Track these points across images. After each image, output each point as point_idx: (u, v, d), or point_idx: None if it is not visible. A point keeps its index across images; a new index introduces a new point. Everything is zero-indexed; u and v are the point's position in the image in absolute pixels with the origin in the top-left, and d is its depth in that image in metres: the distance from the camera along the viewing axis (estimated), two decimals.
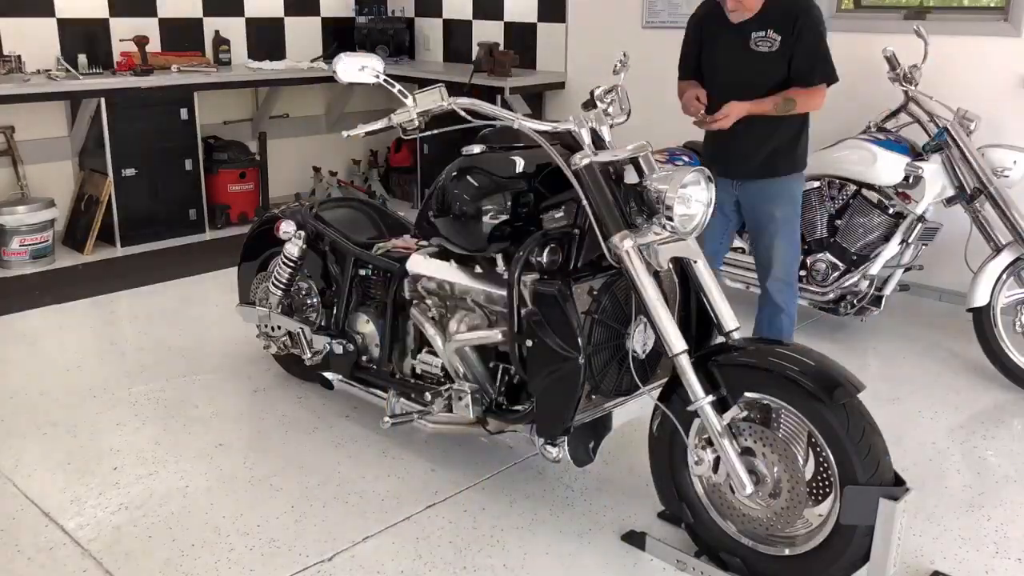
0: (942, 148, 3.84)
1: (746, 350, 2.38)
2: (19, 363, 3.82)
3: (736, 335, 2.48)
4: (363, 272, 3.20)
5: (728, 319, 2.50)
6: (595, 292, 2.52)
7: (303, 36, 6.60)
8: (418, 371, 2.98)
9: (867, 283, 3.97)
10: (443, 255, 2.85)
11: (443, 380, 2.87)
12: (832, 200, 4.09)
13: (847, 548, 2.21)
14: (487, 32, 6.44)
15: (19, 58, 5.19)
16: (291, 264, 3.33)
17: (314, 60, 6.44)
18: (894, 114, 4.10)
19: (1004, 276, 3.69)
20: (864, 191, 3.98)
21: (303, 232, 3.30)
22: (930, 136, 3.91)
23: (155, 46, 5.77)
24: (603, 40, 5.72)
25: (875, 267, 3.95)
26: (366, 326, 3.15)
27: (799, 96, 3.13)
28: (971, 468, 3.11)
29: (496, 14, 6.41)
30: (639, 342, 2.55)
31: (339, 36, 6.75)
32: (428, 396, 2.84)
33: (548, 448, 2.58)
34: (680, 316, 2.67)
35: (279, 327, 3.42)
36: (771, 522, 2.34)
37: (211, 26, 6.11)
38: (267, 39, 6.42)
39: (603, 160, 2.41)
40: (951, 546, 2.65)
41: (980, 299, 3.68)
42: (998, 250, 3.75)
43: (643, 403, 2.66)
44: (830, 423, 2.18)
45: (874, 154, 3.92)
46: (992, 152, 3.84)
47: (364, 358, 3.17)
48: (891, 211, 3.95)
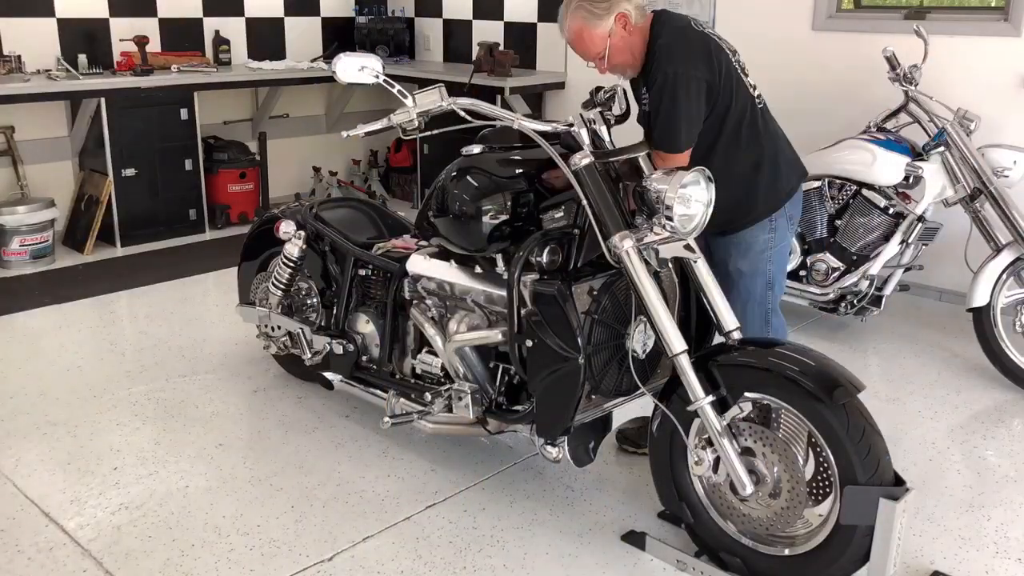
0: (942, 148, 3.84)
1: (746, 350, 2.38)
2: (19, 363, 3.82)
3: (736, 335, 2.48)
4: (363, 272, 3.20)
5: (728, 319, 2.50)
6: (595, 292, 2.53)
7: (303, 36, 6.60)
8: (418, 371, 2.98)
9: (867, 283, 3.97)
10: (443, 255, 2.85)
11: (443, 380, 2.87)
12: (832, 200, 4.09)
13: (847, 548, 2.21)
14: (487, 32, 6.44)
15: (19, 58, 5.19)
16: (291, 264, 3.33)
17: (314, 60, 6.44)
18: (894, 114, 4.10)
19: (1004, 276, 3.69)
20: (864, 191, 3.98)
21: (303, 232, 3.30)
22: (930, 136, 3.91)
23: (155, 46, 5.77)
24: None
25: (875, 267, 3.95)
26: (366, 326, 3.15)
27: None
28: (971, 468, 3.11)
29: (496, 14, 6.41)
30: (639, 342, 2.55)
31: (339, 36, 6.75)
32: (428, 396, 2.84)
33: (548, 448, 2.58)
34: (680, 316, 2.67)
35: (279, 327, 3.42)
36: (771, 522, 2.34)
37: (211, 26, 6.11)
38: (267, 39, 6.42)
39: (603, 160, 2.41)
40: (951, 546, 2.65)
41: (980, 299, 3.68)
42: (998, 250, 3.75)
43: (643, 403, 2.66)
44: (830, 423, 2.18)
45: (874, 154, 3.91)
46: (992, 152, 3.83)
47: (364, 358, 3.17)
48: (891, 211, 3.95)
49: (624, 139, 2.60)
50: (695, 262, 2.53)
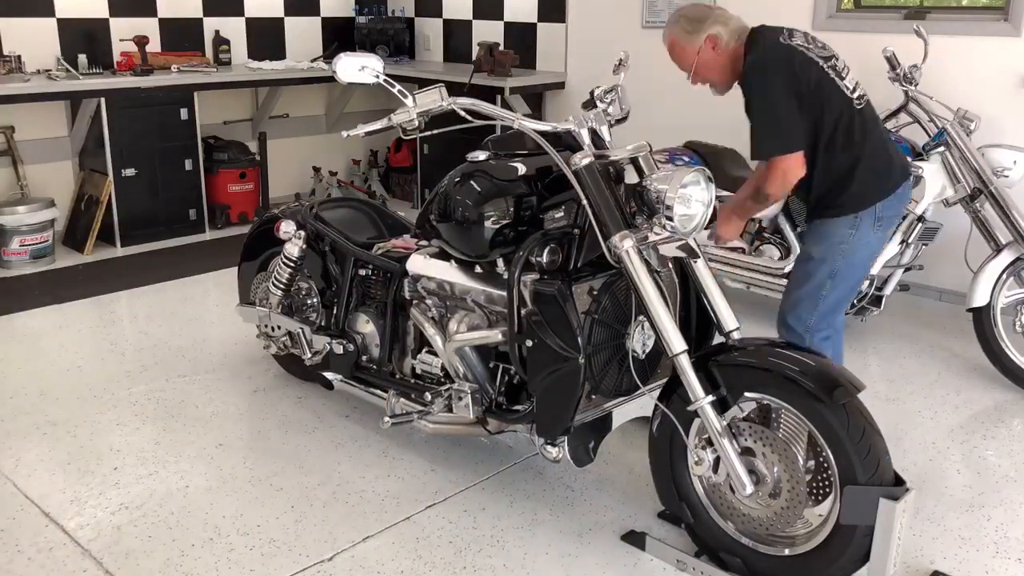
0: (942, 148, 3.84)
1: (746, 350, 2.38)
2: (19, 363, 3.82)
3: (736, 335, 2.48)
4: (363, 272, 3.20)
5: (728, 319, 2.50)
6: (595, 292, 2.52)
7: (303, 36, 6.60)
8: (418, 371, 2.98)
9: (867, 283, 3.97)
10: (443, 255, 2.85)
11: (443, 380, 2.87)
12: None
13: (847, 548, 2.21)
14: (487, 32, 6.44)
15: (19, 58, 5.19)
16: (291, 264, 3.33)
17: (314, 60, 6.44)
18: (894, 114, 4.10)
19: (1004, 276, 3.69)
20: None
21: (303, 232, 3.30)
22: (930, 136, 3.91)
23: (155, 46, 5.77)
24: (603, 40, 5.72)
25: (875, 267, 3.94)
26: (366, 326, 3.15)
27: (761, 184, 2.80)
28: (971, 468, 3.11)
29: (496, 14, 6.41)
30: (639, 342, 2.55)
31: (339, 36, 6.75)
32: (428, 396, 2.84)
33: (548, 448, 2.58)
34: (680, 316, 2.67)
35: (279, 327, 3.42)
36: (771, 522, 2.34)
37: (211, 26, 6.11)
38: (267, 39, 6.42)
39: (603, 160, 2.41)
40: (951, 546, 2.65)
41: (980, 299, 3.68)
42: (998, 250, 3.75)
43: (643, 403, 2.66)
44: (830, 423, 2.18)
45: None
46: (992, 152, 3.83)
47: (364, 358, 3.17)
48: None
49: (624, 139, 2.60)
50: (695, 262, 2.53)
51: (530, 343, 2.51)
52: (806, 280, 2.93)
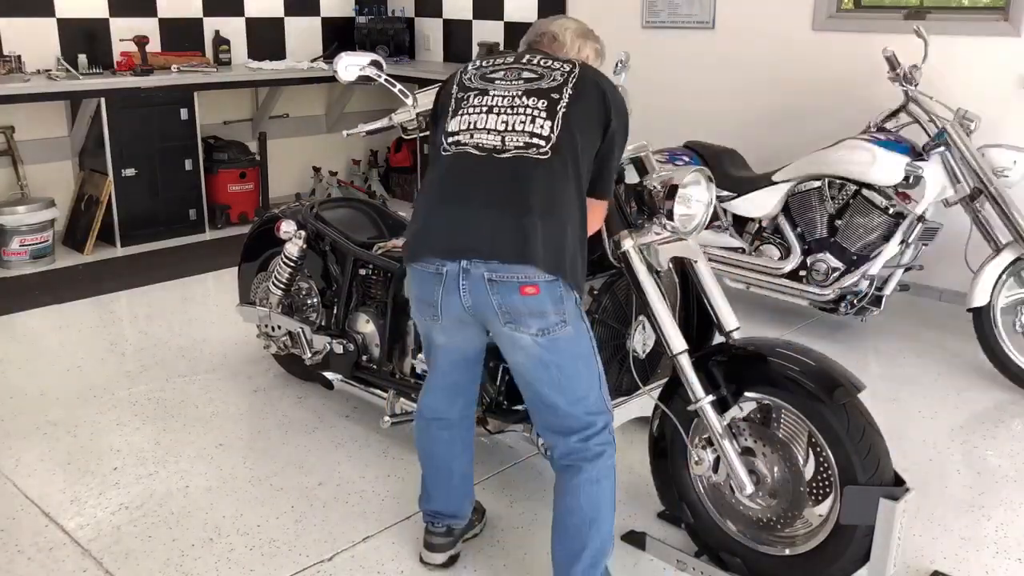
0: (942, 148, 3.84)
1: (746, 350, 2.37)
2: (19, 363, 3.82)
3: (736, 335, 2.48)
4: (363, 272, 3.20)
5: (728, 319, 2.50)
6: (595, 292, 2.53)
7: (303, 36, 6.60)
8: (418, 371, 2.98)
9: (867, 283, 3.97)
10: None
11: None
12: (832, 200, 4.08)
13: (847, 548, 2.21)
14: (487, 32, 6.44)
15: (19, 58, 5.19)
16: (291, 264, 3.33)
17: (314, 60, 6.44)
18: (894, 114, 4.10)
19: (1004, 276, 3.69)
20: (864, 191, 3.98)
21: (303, 232, 3.30)
22: (930, 136, 3.91)
23: (155, 46, 5.77)
24: (603, 40, 5.71)
25: (875, 267, 3.95)
26: (366, 326, 3.15)
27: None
28: (971, 468, 3.11)
29: (496, 14, 6.41)
30: (639, 342, 2.55)
31: (339, 36, 6.75)
32: None
33: None
34: (680, 316, 2.67)
35: (279, 327, 3.42)
36: (771, 522, 2.34)
37: (211, 26, 6.11)
38: (267, 39, 6.42)
39: None
40: (951, 546, 2.65)
41: (980, 299, 3.68)
42: (998, 250, 3.75)
43: (643, 403, 2.66)
44: (830, 423, 2.18)
45: (874, 154, 3.91)
46: (992, 152, 3.83)
47: (364, 358, 3.17)
48: (891, 211, 3.95)
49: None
50: (695, 262, 2.53)
51: None
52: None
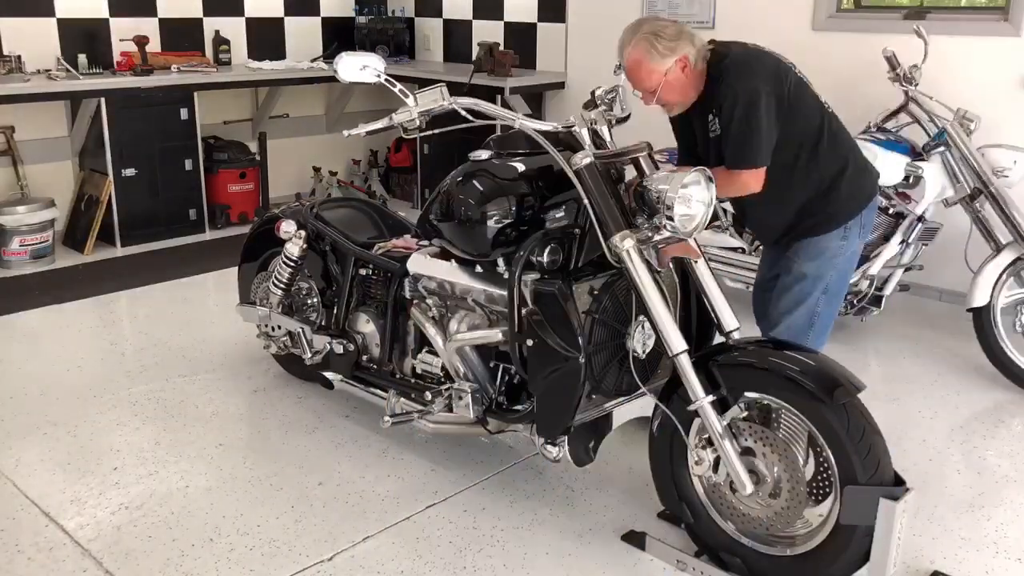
0: (942, 148, 3.84)
1: (746, 350, 2.38)
2: (19, 363, 3.82)
3: (736, 335, 2.49)
4: (363, 272, 3.20)
5: (728, 319, 2.50)
6: (596, 292, 2.53)
7: (303, 36, 6.60)
8: (418, 371, 2.98)
9: (867, 283, 3.97)
10: (444, 255, 2.85)
11: (443, 380, 2.87)
12: None
13: (847, 548, 2.21)
14: (487, 32, 6.44)
15: (19, 58, 5.19)
16: (291, 264, 3.33)
17: (314, 60, 6.44)
18: (894, 114, 4.10)
19: (1004, 276, 3.69)
20: None
21: (303, 232, 3.30)
22: (930, 136, 3.91)
23: (155, 46, 5.77)
24: (603, 40, 5.70)
25: (875, 267, 3.95)
26: (366, 326, 3.15)
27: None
28: (971, 468, 3.11)
29: (496, 14, 6.41)
30: (639, 342, 2.55)
31: (339, 36, 6.75)
32: (428, 396, 2.84)
33: (548, 448, 2.58)
34: (680, 316, 2.67)
35: (279, 327, 3.42)
36: (771, 522, 2.34)
37: (211, 26, 6.11)
38: (267, 39, 6.42)
39: (604, 160, 2.41)
40: (951, 546, 2.65)
41: (980, 299, 3.68)
42: (998, 250, 3.75)
43: (643, 403, 2.66)
44: (830, 423, 2.18)
45: (874, 154, 3.90)
46: (992, 152, 3.83)
47: (364, 358, 3.17)
48: (891, 211, 3.95)
49: (625, 139, 2.60)
50: (695, 262, 2.53)
51: (530, 343, 2.51)
52: (801, 301, 2.86)
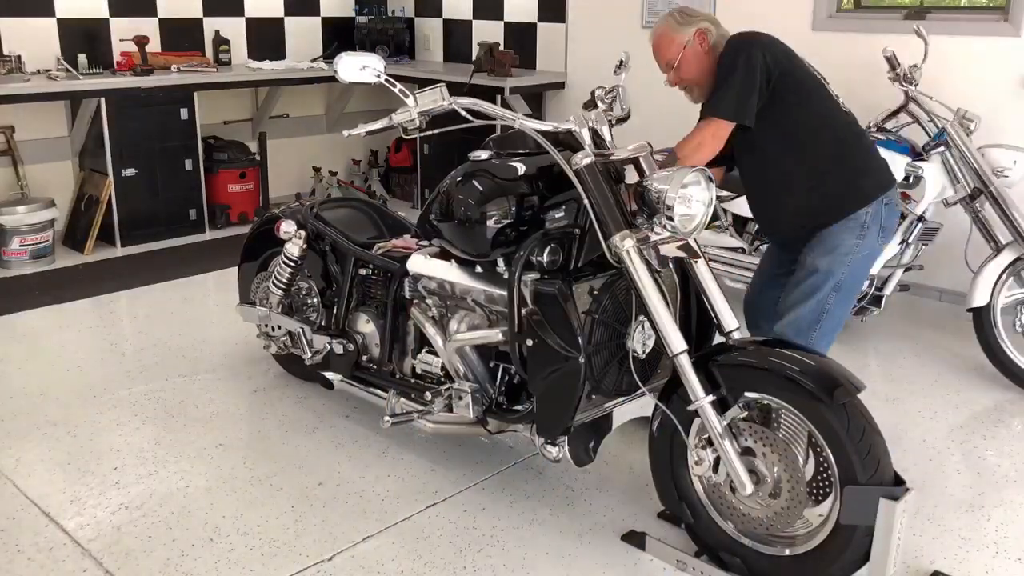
0: (942, 148, 3.84)
1: (746, 350, 2.38)
2: (19, 363, 3.82)
3: (736, 335, 2.48)
4: (363, 272, 3.20)
5: (728, 319, 2.50)
6: (595, 292, 2.53)
7: (303, 36, 6.60)
8: (418, 371, 2.98)
9: (867, 283, 3.97)
10: (444, 255, 2.85)
11: (443, 380, 2.87)
12: None
13: (847, 548, 2.21)
14: (487, 32, 6.44)
15: (19, 58, 5.19)
16: (291, 264, 3.33)
17: (314, 60, 6.44)
18: (894, 114, 4.10)
19: (1004, 276, 3.69)
20: None
21: (303, 232, 3.31)
22: (930, 136, 3.91)
23: (155, 46, 5.77)
24: (603, 40, 5.72)
25: (875, 267, 3.95)
26: (366, 326, 3.15)
27: (679, 145, 2.84)
28: (971, 468, 3.11)
29: (496, 14, 6.41)
30: (639, 342, 2.55)
31: (339, 36, 6.75)
32: (428, 396, 2.84)
33: (548, 448, 2.58)
34: (680, 316, 2.67)
35: (279, 327, 3.42)
36: (771, 522, 2.34)
37: (211, 26, 6.11)
38: (267, 39, 6.42)
39: (604, 160, 2.41)
40: (951, 546, 2.65)
41: (980, 299, 3.68)
42: (998, 250, 3.75)
43: (643, 403, 2.66)
44: (830, 423, 2.18)
45: None
46: (992, 152, 3.83)
47: (364, 358, 3.17)
48: None
49: (625, 139, 2.60)
50: (695, 262, 2.53)
51: (530, 343, 2.51)
52: (811, 295, 2.89)
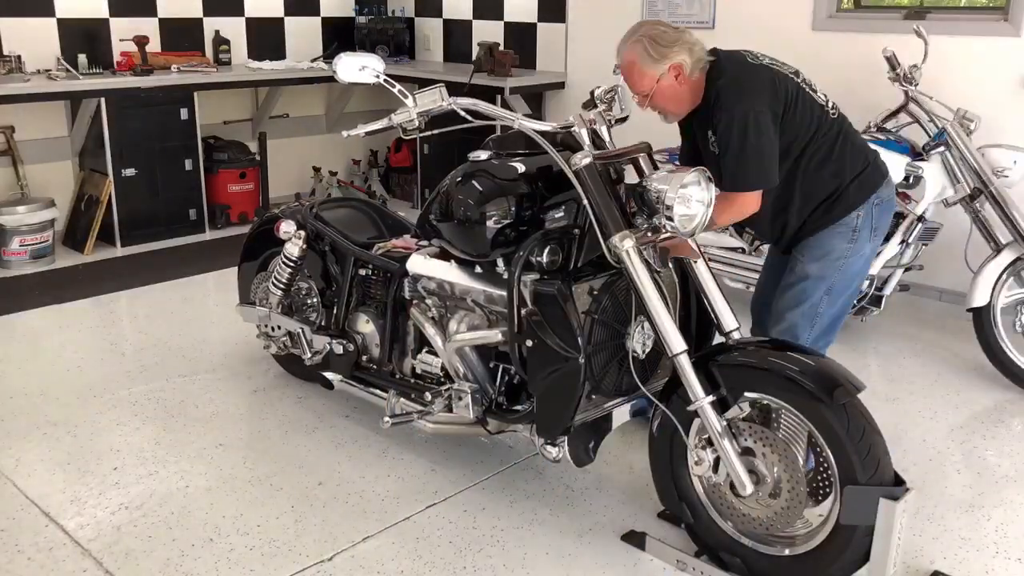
0: (942, 148, 3.84)
1: (746, 350, 2.38)
2: (19, 363, 3.82)
3: (736, 335, 2.48)
4: (363, 272, 3.20)
5: (728, 319, 2.50)
6: (595, 292, 2.53)
7: (303, 36, 6.60)
8: (418, 371, 2.98)
9: (867, 283, 3.97)
10: (443, 255, 2.85)
11: (443, 380, 2.87)
12: None
13: (847, 548, 2.21)
14: (487, 32, 6.44)
15: (19, 58, 5.19)
16: (291, 264, 3.33)
17: (314, 60, 6.44)
18: (894, 114, 4.10)
19: (1004, 276, 3.69)
20: None
21: (303, 232, 3.31)
22: (930, 136, 3.91)
23: (155, 46, 5.77)
24: (603, 40, 5.70)
25: (875, 267, 3.95)
26: (366, 326, 3.15)
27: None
28: (971, 468, 3.11)
29: (496, 14, 6.41)
30: (639, 342, 2.55)
31: (339, 36, 6.75)
32: (428, 396, 2.84)
33: (548, 448, 2.58)
34: (680, 316, 2.67)
35: (279, 327, 3.42)
36: (771, 522, 2.34)
37: (211, 26, 6.11)
38: (267, 39, 6.42)
39: (603, 160, 2.41)
40: (951, 546, 2.65)
41: (980, 299, 3.68)
42: (998, 250, 3.75)
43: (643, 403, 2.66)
44: (830, 423, 2.18)
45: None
46: (992, 152, 3.83)
47: (364, 358, 3.17)
48: None
49: (624, 139, 2.60)
50: (695, 262, 2.53)
51: (530, 343, 2.51)
52: (802, 301, 2.84)
